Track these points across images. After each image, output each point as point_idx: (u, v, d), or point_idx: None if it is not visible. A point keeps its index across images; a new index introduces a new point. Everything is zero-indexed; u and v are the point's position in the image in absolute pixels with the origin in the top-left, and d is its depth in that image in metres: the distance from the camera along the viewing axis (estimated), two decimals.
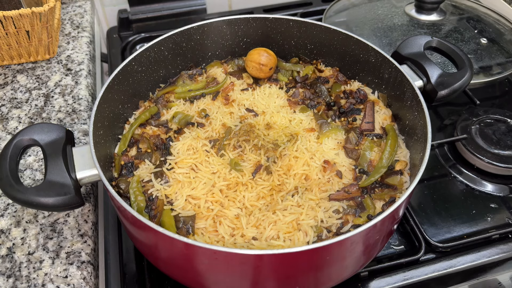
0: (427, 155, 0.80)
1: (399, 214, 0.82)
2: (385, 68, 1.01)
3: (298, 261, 0.71)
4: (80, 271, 0.85)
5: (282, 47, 1.18)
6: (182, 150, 0.95)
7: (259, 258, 0.68)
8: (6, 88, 1.21)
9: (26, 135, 0.82)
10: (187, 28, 1.08)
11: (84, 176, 0.81)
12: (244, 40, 1.17)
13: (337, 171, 0.92)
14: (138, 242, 0.85)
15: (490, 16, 1.47)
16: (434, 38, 1.04)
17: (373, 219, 0.70)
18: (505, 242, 0.99)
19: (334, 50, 1.12)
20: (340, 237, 0.67)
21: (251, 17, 1.12)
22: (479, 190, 1.10)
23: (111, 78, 0.94)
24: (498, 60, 1.31)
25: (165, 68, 1.11)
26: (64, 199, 0.77)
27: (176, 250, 0.74)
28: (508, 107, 1.30)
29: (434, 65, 0.98)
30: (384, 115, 1.03)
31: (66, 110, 1.15)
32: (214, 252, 0.67)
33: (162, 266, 0.85)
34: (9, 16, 1.12)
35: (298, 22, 1.11)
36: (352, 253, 0.77)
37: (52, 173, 0.79)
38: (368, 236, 0.75)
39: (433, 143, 1.16)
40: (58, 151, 0.81)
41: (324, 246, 0.67)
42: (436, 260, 0.96)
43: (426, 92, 0.98)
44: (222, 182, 0.89)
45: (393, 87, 1.02)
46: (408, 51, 1.02)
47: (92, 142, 0.81)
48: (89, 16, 1.47)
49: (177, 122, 1.02)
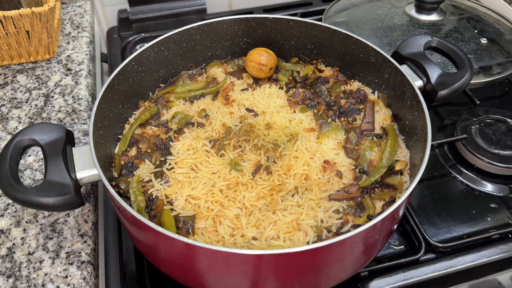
0: (427, 155, 0.80)
1: (399, 214, 0.82)
2: (385, 68, 1.01)
3: (298, 261, 0.71)
4: (80, 271, 0.85)
5: (282, 47, 1.18)
6: (182, 150, 0.95)
7: (259, 258, 0.68)
8: (6, 88, 1.21)
9: (26, 135, 0.82)
10: (187, 28, 1.08)
11: (84, 176, 0.81)
12: (244, 40, 1.17)
13: (337, 171, 0.92)
14: (138, 242, 0.85)
15: (490, 16, 1.47)
16: (434, 38, 1.04)
17: (373, 219, 0.70)
18: (505, 242, 0.99)
19: (334, 50, 1.12)
20: (340, 237, 0.67)
21: (251, 17, 1.12)
22: (479, 190, 1.10)
23: (111, 78, 0.94)
24: (498, 60, 1.31)
25: (165, 68, 1.11)
26: (64, 199, 0.77)
27: (176, 250, 0.74)
28: (508, 107, 1.30)
29: (434, 65, 0.98)
30: (384, 115, 1.03)
31: (66, 110, 1.15)
32: (214, 252, 0.67)
33: (162, 266, 0.85)
34: (9, 16, 1.12)
35: (298, 22, 1.11)
36: (352, 253, 0.77)
37: (52, 173, 0.79)
38: (368, 236, 0.75)
39: (433, 143, 1.16)
40: (58, 151, 0.81)
41: (324, 246, 0.67)
42: (436, 260, 0.96)
43: (426, 92, 0.98)
44: (222, 182, 0.89)
45: (393, 87, 1.02)
46: (408, 51, 1.02)
47: (92, 142, 0.81)
48: (89, 16, 1.47)
49: (177, 122, 1.02)
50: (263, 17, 1.13)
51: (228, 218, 0.84)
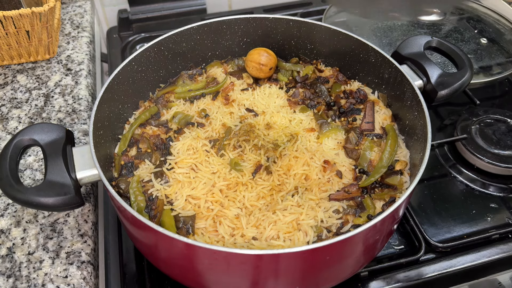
0: (427, 155, 0.80)
1: (399, 214, 0.82)
2: (385, 68, 1.01)
3: (298, 261, 0.71)
4: (80, 271, 0.85)
5: (282, 47, 1.18)
6: (182, 150, 0.95)
7: (259, 258, 0.68)
8: (6, 88, 1.21)
9: (26, 135, 0.82)
10: (187, 28, 1.08)
11: (84, 176, 0.81)
12: (244, 40, 1.17)
13: (337, 171, 0.92)
14: (138, 242, 0.85)
15: (490, 16, 1.47)
16: (434, 38, 1.04)
17: (373, 219, 0.70)
18: (505, 242, 0.99)
19: (334, 50, 1.12)
20: (340, 237, 0.67)
21: (251, 17, 1.12)
22: (479, 190, 1.10)
23: (111, 78, 0.94)
24: (498, 60, 1.31)
25: (165, 68, 1.11)
26: (64, 199, 0.77)
27: (176, 250, 0.74)
28: (508, 107, 1.30)
29: (434, 65, 0.98)
30: (384, 115, 1.03)
31: (66, 110, 1.15)
32: (214, 252, 0.67)
33: (162, 266, 0.85)
34: (9, 16, 1.12)
35: (298, 22, 1.11)
36: (352, 253, 0.77)
37: (52, 173, 0.79)
38: (368, 236, 0.75)
39: (433, 143, 1.16)
40: (58, 151, 0.81)
41: (324, 246, 0.67)
42: (436, 260, 0.96)
43: (426, 92, 0.98)
44: (222, 182, 0.89)
45: (393, 87, 1.02)
46: (408, 51, 1.02)
47: (92, 142, 0.81)
48: (89, 16, 1.47)
49: (177, 122, 1.02)
50: (263, 17, 1.13)
51: (228, 218, 0.84)
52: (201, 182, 0.89)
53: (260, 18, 1.13)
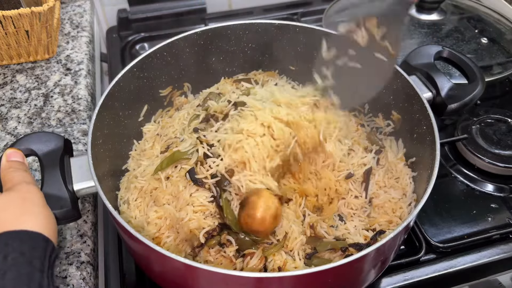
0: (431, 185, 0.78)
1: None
2: (393, 79, 0.95)
3: (299, 284, 0.70)
4: (79, 272, 0.85)
5: (288, 54, 1.13)
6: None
7: (259, 281, 0.66)
8: (6, 88, 1.20)
9: (23, 145, 0.81)
10: (190, 33, 1.06)
11: (82, 188, 0.80)
12: (249, 46, 1.13)
13: None
14: (136, 255, 0.84)
15: (491, 15, 1.46)
16: (445, 48, 1.01)
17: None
18: (505, 242, 0.99)
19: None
20: (344, 260, 0.66)
21: (256, 22, 1.09)
22: (480, 190, 1.10)
23: (111, 85, 0.92)
24: (498, 59, 1.31)
25: (168, 74, 1.10)
26: (60, 213, 0.75)
27: (173, 270, 0.72)
28: (509, 107, 1.30)
29: (444, 76, 0.94)
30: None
31: (66, 110, 1.15)
32: (212, 273, 0.65)
33: (159, 280, 0.84)
34: (9, 16, 1.11)
35: (304, 28, 1.08)
36: (357, 273, 0.76)
37: (49, 186, 0.77)
38: (374, 257, 0.74)
39: None
40: (56, 161, 0.80)
41: (325, 270, 0.65)
42: (437, 260, 0.96)
43: (435, 105, 0.94)
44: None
45: (401, 99, 0.96)
46: (418, 62, 0.98)
47: (90, 153, 0.80)
48: (88, 16, 1.47)
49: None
50: (269, 23, 1.09)
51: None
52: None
53: (265, 24, 1.09)
